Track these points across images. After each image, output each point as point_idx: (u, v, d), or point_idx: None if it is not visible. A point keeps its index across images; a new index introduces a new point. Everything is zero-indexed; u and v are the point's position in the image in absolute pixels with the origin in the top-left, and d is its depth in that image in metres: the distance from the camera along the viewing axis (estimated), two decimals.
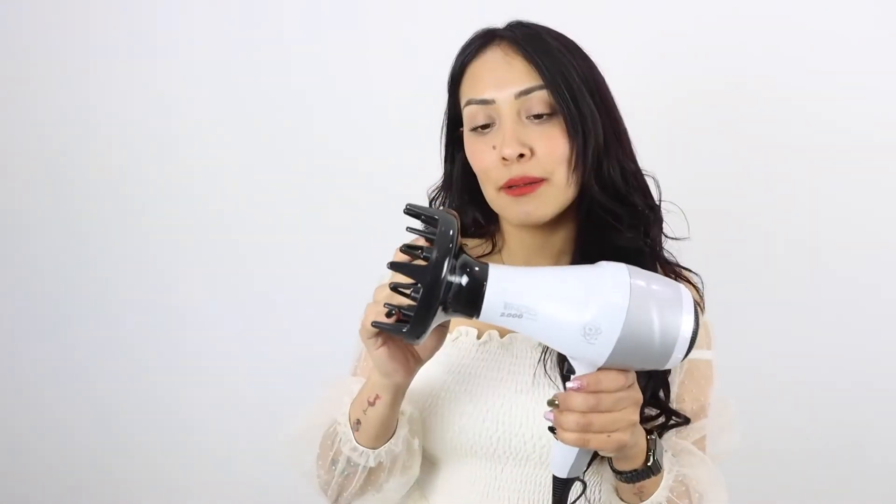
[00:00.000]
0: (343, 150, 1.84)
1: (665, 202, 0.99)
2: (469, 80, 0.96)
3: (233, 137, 1.90)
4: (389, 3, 1.77)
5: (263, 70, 1.86)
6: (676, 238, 1.01)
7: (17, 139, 2.04)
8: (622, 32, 1.62)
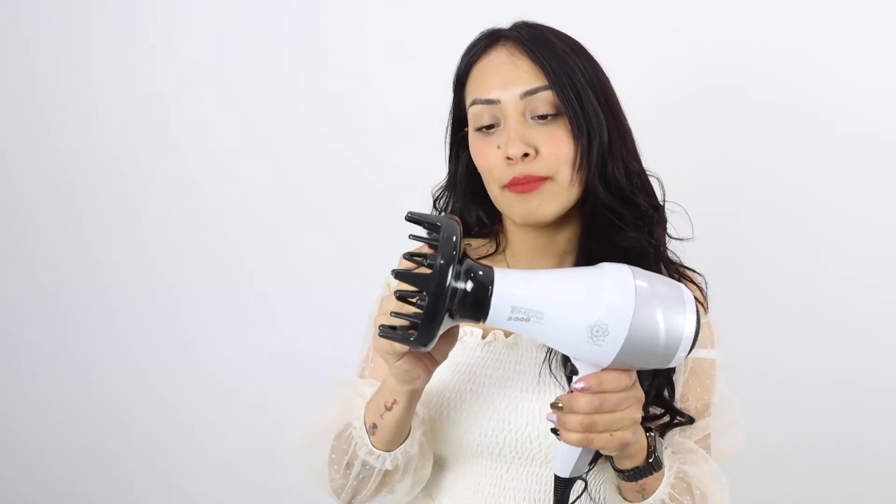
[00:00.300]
0: (343, 151, 1.84)
1: (669, 202, 0.99)
2: (474, 81, 0.96)
3: (233, 138, 1.90)
4: (390, 4, 1.77)
5: (264, 70, 1.86)
6: (680, 238, 1.01)
7: (18, 137, 2.04)
8: (625, 34, 1.61)
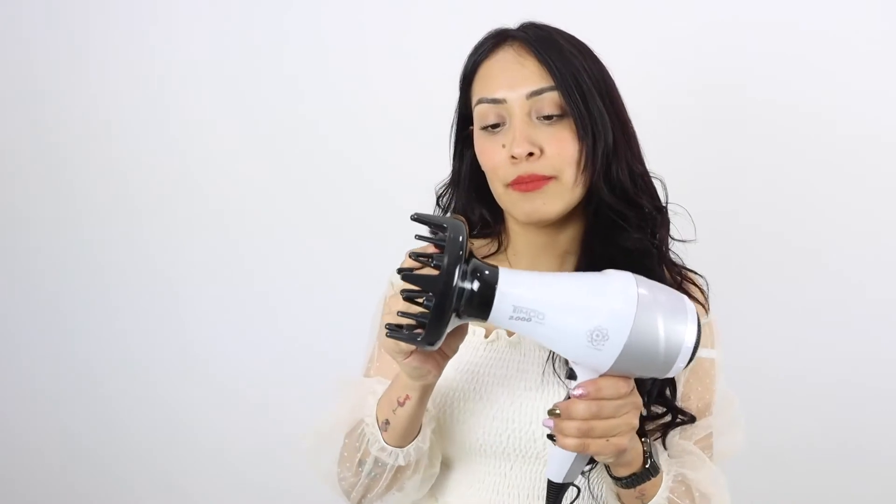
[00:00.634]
0: (343, 151, 1.84)
1: (671, 204, 0.99)
2: (481, 80, 0.97)
3: (233, 138, 1.90)
4: (390, 4, 1.77)
5: (264, 70, 1.86)
6: (683, 240, 1.02)
7: (18, 137, 2.03)
8: (625, 34, 1.61)
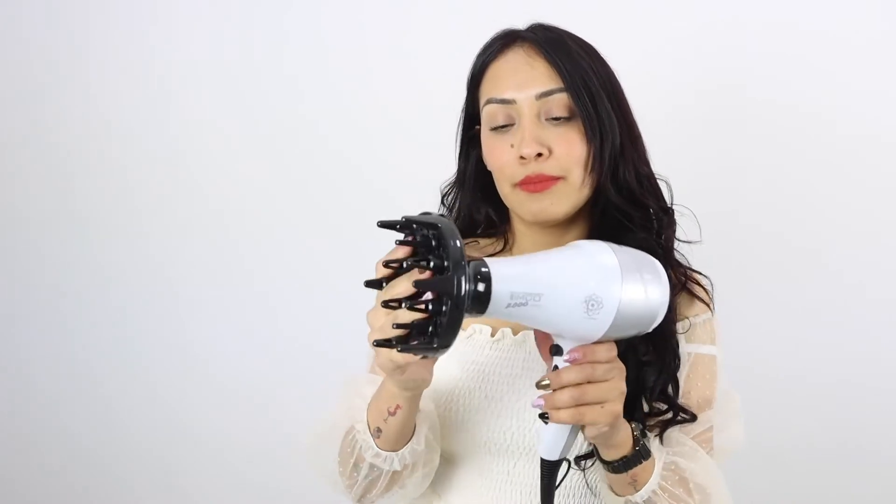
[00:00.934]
0: (343, 151, 1.85)
1: (677, 205, 1.00)
2: (490, 80, 0.97)
3: (233, 138, 1.92)
4: (390, 4, 1.78)
5: (264, 70, 1.87)
6: (689, 241, 1.02)
7: (17, 137, 2.05)
8: (624, 35, 1.61)
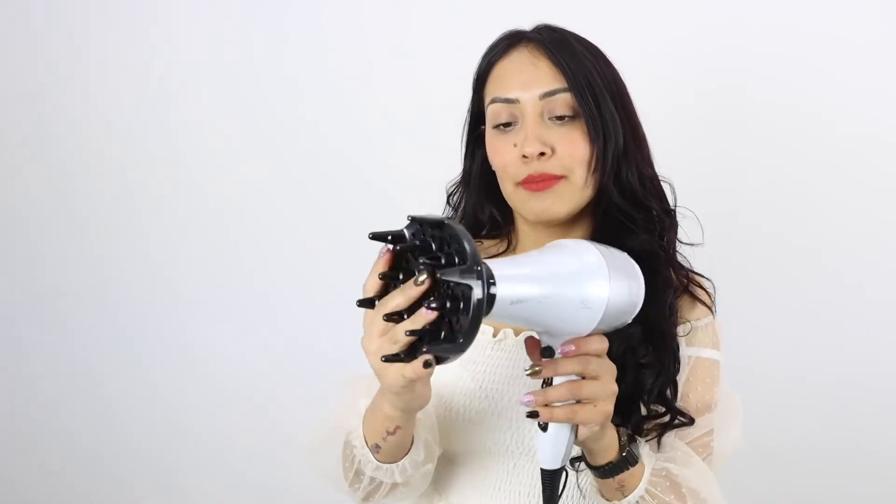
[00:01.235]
0: (343, 151, 1.85)
1: (680, 207, 1.00)
2: (495, 80, 0.97)
3: (233, 138, 1.91)
4: (390, 4, 1.77)
5: (264, 70, 1.86)
6: (692, 244, 1.02)
7: (17, 137, 2.03)
8: (624, 35, 1.60)
